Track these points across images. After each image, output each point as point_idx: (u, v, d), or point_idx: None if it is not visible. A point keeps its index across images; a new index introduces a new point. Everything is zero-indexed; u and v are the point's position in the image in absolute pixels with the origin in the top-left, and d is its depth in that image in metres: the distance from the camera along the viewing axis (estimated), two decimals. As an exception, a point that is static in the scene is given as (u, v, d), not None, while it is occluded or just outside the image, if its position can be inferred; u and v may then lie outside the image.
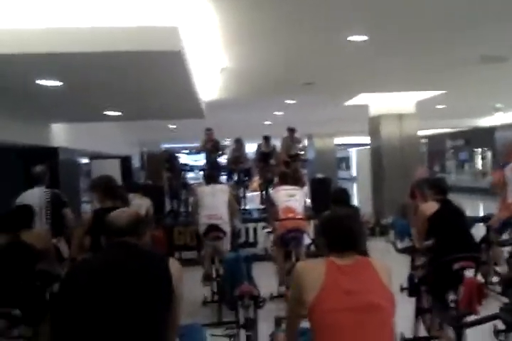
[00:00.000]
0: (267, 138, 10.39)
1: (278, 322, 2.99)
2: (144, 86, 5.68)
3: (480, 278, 5.11)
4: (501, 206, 5.76)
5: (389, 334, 2.06)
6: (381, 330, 2.03)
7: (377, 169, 10.62)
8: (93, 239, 3.67)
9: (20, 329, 3.28)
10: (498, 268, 5.46)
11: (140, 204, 5.04)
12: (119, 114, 7.88)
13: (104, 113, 7.72)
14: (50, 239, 4.16)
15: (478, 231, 5.72)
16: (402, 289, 4.33)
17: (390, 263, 2.23)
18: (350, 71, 7.52)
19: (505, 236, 5.79)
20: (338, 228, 2.20)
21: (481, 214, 6.87)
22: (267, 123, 15.00)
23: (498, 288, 5.19)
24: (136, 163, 15.63)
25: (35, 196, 5.04)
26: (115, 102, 6.94)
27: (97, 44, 3.79)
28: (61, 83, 5.04)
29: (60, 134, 9.04)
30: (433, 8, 4.63)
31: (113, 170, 10.88)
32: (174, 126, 14.15)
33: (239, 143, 10.40)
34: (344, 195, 4.89)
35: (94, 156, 11.97)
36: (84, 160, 11.56)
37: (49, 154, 8.53)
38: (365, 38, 5.40)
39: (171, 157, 10.76)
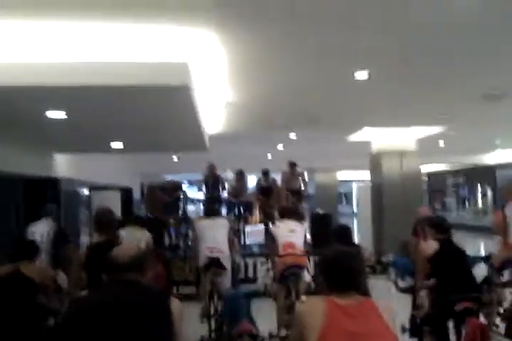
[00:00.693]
0: (265, 173, 10.42)
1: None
2: (150, 119, 5.75)
3: (483, 319, 5.02)
4: (502, 246, 5.71)
5: None
6: None
7: (378, 205, 10.59)
8: (89, 274, 3.63)
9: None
10: (501, 309, 5.36)
11: (139, 238, 5.02)
12: (123, 146, 7.94)
13: (108, 144, 7.78)
14: (49, 273, 4.13)
15: (480, 270, 5.65)
16: (403, 330, 4.24)
17: (391, 302, 2.20)
18: (353, 106, 7.62)
19: (507, 276, 5.70)
20: (339, 267, 2.17)
21: (482, 252, 6.80)
22: (269, 156, 15.09)
23: (502, 330, 5.09)
24: (137, 194, 15.63)
25: (42, 228, 5.44)
26: (119, 134, 7.01)
27: (106, 78, 3.87)
28: (68, 116, 5.11)
29: (62, 165, 9.09)
30: (435, 45, 4.71)
31: (114, 201, 10.87)
32: (177, 158, 14.23)
33: (240, 175, 10.40)
34: (346, 233, 4.85)
35: (94, 187, 11.98)
36: (85, 191, 11.56)
37: (51, 184, 8.55)
38: (367, 73, 5.48)
39: (177, 188, 10.74)
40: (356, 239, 11.71)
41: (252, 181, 11.85)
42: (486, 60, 5.30)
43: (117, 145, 7.84)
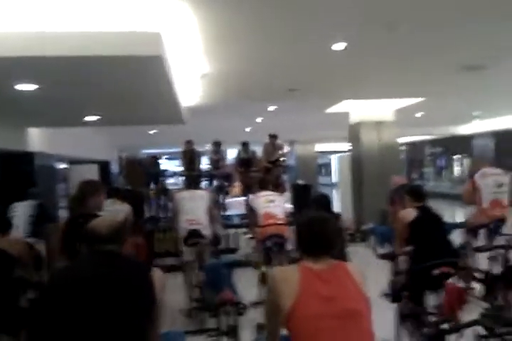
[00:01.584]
0: (245, 144, 10.41)
1: (260, 329, 2.96)
2: (124, 91, 5.62)
3: (460, 283, 5.15)
4: (477, 212, 5.84)
5: (370, 339, 2.05)
6: (362, 336, 2.02)
7: (357, 176, 10.69)
8: (69, 245, 3.59)
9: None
10: (476, 274, 5.51)
11: (119, 209, 4.96)
12: (98, 118, 7.78)
13: (83, 118, 7.61)
14: (26, 245, 4.07)
15: (456, 236, 5.77)
16: (383, 295, 4.33)
17: (370, 269, 2.22)
18: (331, 78, 7.56)
19: (480, 242, 5.85)
20: (312, 231, 2.17)
21: (459, 220, 6.97)
22: (248, 129, 15.01)
23: (477, 293, 5.24)
24: (115, 167, 15.46)
25: (21, 209, 5.46)
26: (94, 107, 6.85)
27: (77, 48, 3.76)
28: (38, 87, 4.95)
29: (36, 139, 8.89)
30: (413, 16, 4.68)
31: (91, 175, 10.73)
32: (154, 131, 14.06)
33: (217, 146, 10.38)
34: (325, 201, 4.89)
35: (72, 161, 11.81)
36: (62, 166, 11.39)
37: (25, 159, 8.38)
38: (344, 44, 5.43)
39: (153, 161, 10.75)
40: (336, 209, 11.85)
41: (231, 153, 11.84)
42: (466, 31, 5.26)
43: (92, 118, 7.68)
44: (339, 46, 5.48)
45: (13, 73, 4.44)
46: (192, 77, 6.82)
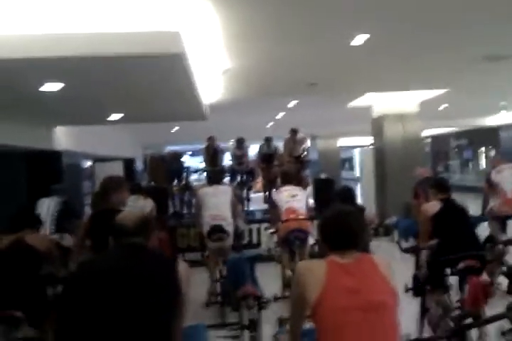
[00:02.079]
0: (268, 140, 10.41)
1: (281, 323, 2.97)
2: (146, 89, 5.69)
3: (485, 277, 5.08)
4: (500, 202, 5.79)
5: (394, 332, 2.04)
6: (387, 328, 2.01)
7: (380, 170, 10.59)
8: (93, 240, 3.66)
9: (24, 331, 3.28)
10: (503, 268, 5.43)
11: (143, 205, 5.04)
12: (122, 116, 7.89)
13: (107, 115, 7.74)
14: (53, 241, 4.16)
15: (483, 230, 5.70)
16: (407, 289, 4.30)
17: (394, 263, 2.21)
18: (353, 71, 7.50)
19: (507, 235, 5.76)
20: (338, 225, 2.16)
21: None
22: (269, 124, 15.00)
23: (504, 288, 5.16)
24: (139, 165, 15.66)
25: (47, 205, 5.48)
26: (117, 105, 6.96)
27: (100, 48, 3.83)
28: (63, 87, 5.06)
29: (63, 137, 9.07)
30: (437, 6, 4.61)
31: (116, 172, 10.90)
32: (177, 128, 14.17)
33: (240, 143, 10.38)
34: (349, 194, 4.87)
35: (97, 159, 12.00)
36: (88, 163, 11.59)
37: (53, 157, 8.56)
38: (367, 36, 5.38)
39: (176, 158, 10.83)
40: (359, 203, 11.78)
41: (253, 149, 11.85)
42: (489, 21, 5.17)
43: (116, 116, 7.80)
44: (360, 39, 5.42)
45: (41, 73, 4.55)
46: (213, 74, 6.86)
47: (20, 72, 4.44)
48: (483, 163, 21.04)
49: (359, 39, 5.43)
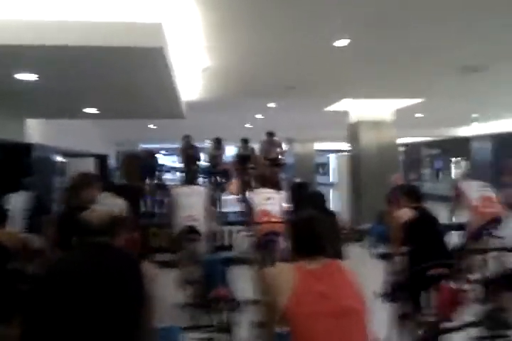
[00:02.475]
0: (245, 141, 10.37)
1: (254, 326, 2.93)
2: (124, 83, 5.59)
3: (455, 285, 5.14)
4: (474, 213, 5.86)
5: (365, 337, 2.03)
6: (358, 334, 2.01)
7: (355, 175, 10.67)
8: (61, 237, 3.56)
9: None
10: (470, 276, 5.51)
11: (113, 203, 4.92)
12: (97, 111, 7.74)
13: (82, 110, 7.58)
14: (20, 238, 4.03)
15: (452, 238, 5.77)
16: (378, 295, 4.32)
17: (366, 269, 2.20)
18: (331, 76, 7.55)
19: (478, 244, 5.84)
20: (305, 231, 2.15)
21: (454, 220, 7.01)
22: (247, 126, 14.98)
23: (471, 295, 5.23)
24: (112, 162, 15.42)
25: (16, 200, 5.31)
26: (93, 99, 6.82)
27: (77, 38, 3.73)
28: (37, 77, 4.92)
29: (34, 130, 8.85)
30: (415, 16, 4.66)
31: (89, 169, 10.71)
32: (153, 127, 14.02)
33: (218, 143, 10.31)
34: (319, 199, 4.88)
35: (69, 154, 11.76)
36: (59, 158, 11.34)
37: (23, 150, 8.34)
38: (347, 41, 5.40)
39: (150, 156, 10.68)
40: (333, 208, 11.83)
41: (230, 150, 11.81)
42: (467, 31, 5.27)
43: (91, 110, 7.64)
44: (341, 43, 5.45)
45: (13, 62, 4.41)
46: (193, 71, 6.79)
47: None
48: (454, 172, 21.44)
49: (340, 43, 5.46)
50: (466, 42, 5.67)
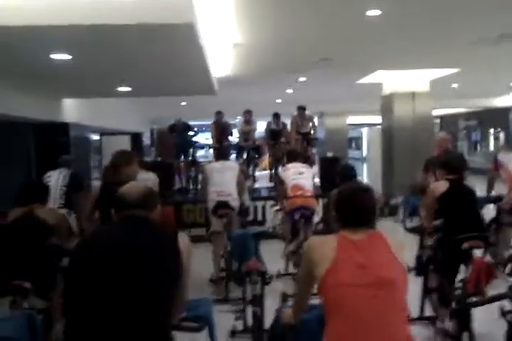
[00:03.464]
0: (276, 116, 10.30)
1: (284, 298, 3.00)
2: (155, 60, 5.62)
3: (489, 258, 5.10)
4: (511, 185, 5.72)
5: (403, 309, 2.06)
6: (395, 305, 2.02)
7: (388, 149, 10.53)
8: (102, 212, 3.69)
9: (32, 302, 3.33)
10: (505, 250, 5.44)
11: (145, 178, 5.03)
12: (130, 89, 7.84)
13: (115, 88, 7.69)
14: (62, 215, 4.20)
15: (489, 212, 5.68)
16: (409, 269, 4.32)
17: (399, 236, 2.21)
18: (365, 47, 7.38)
19: None
20: (353, 202, 2.17)
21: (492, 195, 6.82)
22: (278, 101, 14.88)
23: (508, 269, 5.18)
24: (146, 139, 15.65)
25: (54, 178, 5.52)
26: (126, 77, 6.90)
27: (107, 16, 3.75)
28: (72, 57, 5.01)
29: (71, 110, 9.05)
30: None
31: (123, 146, 10.92)
32: (185, 103, 14.09)
33: (248, 114, 10.22)
34: (351, 172, 4.87)
35: (104, 133, 12.00)
36: (95, 137, 11.59)
37: (60, 129, 8.57)
38: (379, 12, 5.27)
39: (187, 128, 10.72)
40: (365, 182, 11.76)
41: (261, 126, 11.77)
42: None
43: (124, 88, 7.75)
44: (373, 12, 5.31)
45: (47, 42, 4.49)
46: (223, 48, 6.77)
47: (28, 41, 4.39)
48: (491, 144, 20.84)
49: (372, 12, 5.31)
50: (502, 9, 5.45)
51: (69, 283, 2.12)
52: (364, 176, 15.91)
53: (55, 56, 4.94)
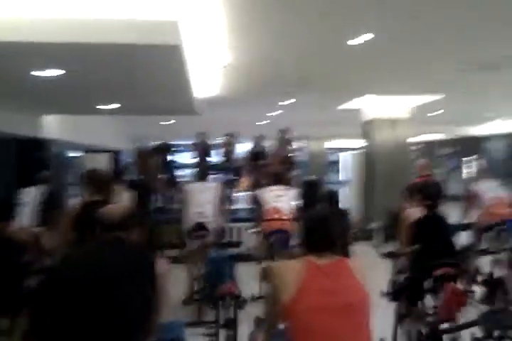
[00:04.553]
0: (259, 138, 10.40)
1: (258, 322, 2.99)
2: (139, 79, 5.65)
3: (460, 285, 5.15)
4: (484, 213, 5.85)
5: (366, 334, 2.08)
6: (359, 331, 2.05)
7: (367, 174, 10.62)
8: (78, 232, 3.65)
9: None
10: (478, 277, 5.51)
11: (122, 197, 5.01)
12: (113, 107, 7.84)
13: (98, 106, 7.68)
14: (31, 232, 4.15)
15: (461, 238, 5.76)
16: (384, 294, 4.35)
17: (372, 267, 2.25)
18: (348, 73, 7.52)
19: (485, 245, 5.83)
20: (317, 228, 2.20)
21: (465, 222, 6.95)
22: (261, 123, 14.99)
23: (477, 296, 5.24)
24: (127, 157, 15.55)
25: (31, 195, 5.48)
26: (110, 95, 6.91)
27: (95, 35, 3.77)
28: (56, 74, 5.01)
29: (52, 126, 8.99)
30: (435, 11, 4.63)
31: (103, 163, 10.84)
32: (168, 122, 14.09)
33: (231, 137, 10.28)
34: (334, 197, 4.92)
35: (85, 149, 11.90)
36: (75, 154, 11.50)
37: (40, 145, 8.50)
38: (370, 36, 5.33)
39: (168, 148, 10.72)
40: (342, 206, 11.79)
41: (243, 147, 11.84)
42: (484, 29, 5.22)
43: (107, 106, 7.75)
44: (360, 39, 5.41)
45: (32, 59, 4.48)
46: (209, 68, 6.82)
47: (11, 58, 4.37)
48: (466, 172, 21.19)
49: (360, 38, 5.41)
50: (485, 38, 5.60)
51: (39, 305, 2.09)
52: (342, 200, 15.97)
53: (38, 73, 4.94)
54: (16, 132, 7.56)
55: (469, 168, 20.67)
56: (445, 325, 3.55)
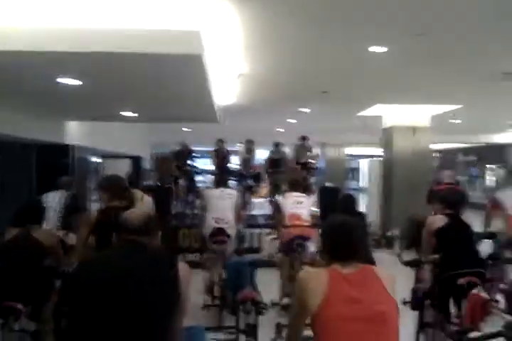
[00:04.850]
0: (277, 145, 10.43)
1: (279, 329, 2.98)
2: (161, 88, 5.72)
3: (485, 294, 5.07)
4: (510, 223, 5.74)
5: None
6: (387, 339, 2.02)
7: (387, 181, 10.56)
8: (99, 237, 3.69)
9: (24, 324, 3.30)
10: (502, 286, 5.41)
11: (148, 200, 5.06)
12: (134, 115, 7.94)
13: (120, 113, 7.79)
14: (58, 237, 4.20)
15: (485, 246, 5.67)
16: (404, 302, 4.30)
17: (391, 271, 2.22)
18: (367, 82, 7.52)
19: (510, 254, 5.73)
20: (339, 237, 2.18)
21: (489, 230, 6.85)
22: (280, 130, 15.03)
23: (502, 305, 5.15)
24: (147, 163, 15.70)
25: (55, 199, 5.53)
26: (131, 103, 7.00)
27: (118, 45, 3.83)
28: (80, 82, 5.10)
29: (74, 132, 9.13)
30: (456, 22, 4.61)
31: (124, 169, 10.94)
32: (188, 129, 14.22)
33: (250, 144, 10.34)
34: (351, 201, 4.89)
35: (105, 155, 12.06)
36: (95, 159, 11.65)
37: (63, 151, 8.64)
38: (385, 49, 5.39)
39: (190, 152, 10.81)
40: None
41: (262, 154, 11.88)
42: (505, 37, 5.16)
43: (129, 114, 7.85)
44: (377, 49, 5.44)
45: (57, 68, 4.57)
46: (228, 77, 6.89)
47: (37, 66, 4.47)
48: (488, 179, 20.91)
49: (376, 49, 5.45)
50: (503, 48, 5.57)
51: (64, 309, 2.11)
52: (361, 206, 15.89)
53: (63, 80, 5.03)
54: (40, 138, 7.70)
55: (492, 175, 20.41)
56: (469, 335, 3.49)
